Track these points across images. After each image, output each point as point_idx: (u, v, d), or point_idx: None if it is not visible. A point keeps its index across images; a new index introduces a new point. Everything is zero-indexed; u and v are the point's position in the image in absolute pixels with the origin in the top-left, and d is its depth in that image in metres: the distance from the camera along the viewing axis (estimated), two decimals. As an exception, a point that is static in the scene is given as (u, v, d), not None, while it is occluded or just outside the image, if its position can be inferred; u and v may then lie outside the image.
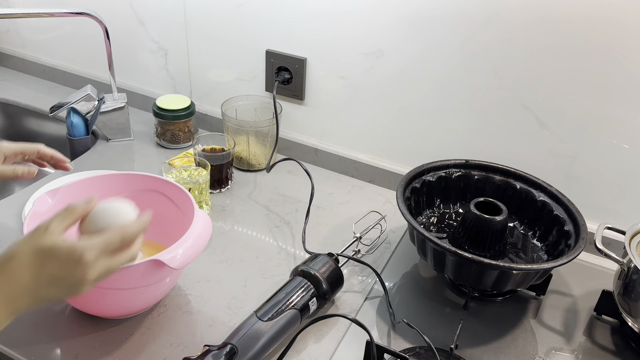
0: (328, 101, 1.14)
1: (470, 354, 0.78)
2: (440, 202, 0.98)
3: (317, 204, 1.07)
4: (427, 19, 0.96)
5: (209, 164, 0.99)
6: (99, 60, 1.36)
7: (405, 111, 1.07)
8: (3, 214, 0.97)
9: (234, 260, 0.92)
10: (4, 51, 1.54)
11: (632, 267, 0.76)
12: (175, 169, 1.01)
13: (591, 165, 0.95)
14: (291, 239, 0.98)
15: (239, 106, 1.17)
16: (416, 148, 1.09)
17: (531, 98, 0.94)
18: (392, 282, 0.91)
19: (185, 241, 0.72)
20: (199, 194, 0.97)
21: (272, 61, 1.14)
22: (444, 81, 1.00)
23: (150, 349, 0.75)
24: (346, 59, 1.07)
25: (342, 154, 1.17)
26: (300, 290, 0.78)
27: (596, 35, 0.85)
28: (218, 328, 0.79)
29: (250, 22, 1.13)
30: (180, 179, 0.98)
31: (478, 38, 0.94)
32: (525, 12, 0.88)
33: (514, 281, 0.79)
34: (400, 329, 0.81)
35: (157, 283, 0.74)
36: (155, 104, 1.19)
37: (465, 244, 0.86)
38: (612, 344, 0.82)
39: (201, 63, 1.25)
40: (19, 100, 1.39)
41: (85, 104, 1.16)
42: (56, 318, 0.78)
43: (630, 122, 0.89)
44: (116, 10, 1.27)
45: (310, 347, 0.78)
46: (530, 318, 0.85)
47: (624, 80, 0.87)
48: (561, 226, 0.87)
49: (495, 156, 1.00)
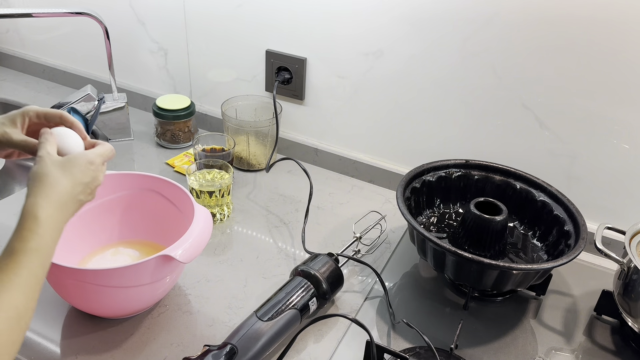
0: (328, 101, 1.14)
1: (470, 354, 0.78)
2: (440, 202, 0.98)
3: (317, 204, 1.07)
4: (427, 19, 0.96)
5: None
6: (99, 60, 1.36)
7: (406, 111, 1.07)
8: (3, 214, 0.97)
9: (234, 260, 0.92)
10: (4, 51, 1.54)
11: (632, 267, 0.76)
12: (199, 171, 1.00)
13: (591, 165, 0.95)
14: (291, 239, 0.98)
15: (239, 106, 1.17)
16: (416, 148, 1.09)
17: (531, 98, 0.94)
18: (392, 282, 0.91)
19: (190, 235, 0.73)
20: (219, 197, 0.97)
21: (272, 61, 1.15)
22: (444, 81, 1.00)
23: (150, 349, 0.75)
24: (346, 59, 1.07)
25: (342, 154, 1.17)
26: (300, 290, 0.78)
27: (596, 35, 0.85)
28: (218, 328, 0.79)
29: (250, 22, 1.13)
30: (201, 182, 0.98)
31: (478, 38, 0.94)
32: (525, 12, 0.88)
33: (514, 281, 0.79)
34: (400, 329, 0.81)
35: (159, 281, 0.75)
36: (155, 104, 1.19)
37: (465, 244, 0.86)
38: (612, 344, 0.82)
39: (201, 63, 1.25)
40: (19, 100, 1.39)
41: (85, 104, 1.16)
42: (56, 318, 0.78)
43: (630, 122, 0.89)
44: (116, 10, 1.27)
45: (310, 347, 0.78)
46: (530, 318, 0.85)
47: (624, 80, 0.87)
48: (561, 226, 0.87)
49: (495, 156, 1.00)
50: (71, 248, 0.83)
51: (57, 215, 0.58)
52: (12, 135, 0.65)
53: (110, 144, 0.68)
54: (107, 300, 0.73)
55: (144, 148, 1.22)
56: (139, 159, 1.19)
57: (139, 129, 1.28)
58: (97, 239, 0.87)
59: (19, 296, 0.51)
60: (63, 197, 0.59)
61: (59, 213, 0.58)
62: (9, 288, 0.50)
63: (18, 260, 0.52)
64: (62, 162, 0.61)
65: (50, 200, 0.57)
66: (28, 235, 0.54)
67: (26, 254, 0.53)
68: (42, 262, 0.55)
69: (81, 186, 0.61)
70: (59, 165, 0.60)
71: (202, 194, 0.96)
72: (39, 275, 0.54)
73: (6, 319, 0.49)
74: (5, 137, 0.65)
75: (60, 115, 0.69)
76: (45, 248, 0.55)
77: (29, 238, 0.54)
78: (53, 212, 0.57)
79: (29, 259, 0.53)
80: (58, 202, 0.58)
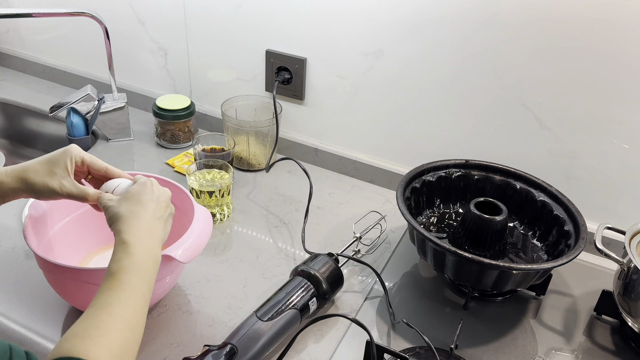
0: (328, 101, 1.14)
1: (470, 354, 0.78)
2: (440, 202, 0.98)
3: (317, 204, 1.07)
4: (427, 19, 0.96)
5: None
6: (99, 60, 1.36)
7: (405, 111, 1.07)
8: (3, 214, 0.97)
9: (234, 260, 0.92)
10: (4, 51, 1.54)
11: (632, 267, 0.76)
12: (199, 171, 1.00)
13: (591, 165, 0.95)
14: (291, 239, 0.98)
15: (239, 106, 1.17)
16: (416, 148, 1.09)
17: (531, 98, 0.94)
18: (392, 282, 0.91)
19: (190, 235, 0.73)
20: (219, 197, 0.97)
21: (272, 61, 1.15)
22: (444, 81, 1.00)
23: (150, 349, 0.75)
24: (346, 59, 1.07)
25: (342, 154, 1.17)
26: (300, 290, 0.78)
27: (596, 36, 0.85)
28: (218, 328, 0.79)
29: (250, 22, 1.13)
30: (201, 182, 0.98)
31: (478, 38, 0.94)
32: (526, 12, 0.88)
33: (514, 281, 0.79)
34: (400, 329, 0.81)
35: (159, 281, 0.74)
36: (155, 104, 1.19)
37: (465, 244, 0.86)
38: (612, 344, 0.82)
39: (201, 63, 1.25)
40: (19, 100, 1.39)
41: (85, 104, 1.16)
42: (56, 318, 0.78)
43: (630, 122, 0.89)
44: (116, 10, 1.27)
45: (310, 347, 0.78)
46: (530, 318, 0.85)
47: (624, 81, 0.87)
48: (561, 226, 0.87)
49: (495, 156, 1.00)
50: (71, 248, 0.84)
51: (145, 236, 0.62)
52: (70, 188, 0.67)
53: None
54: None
55: (144, 148, 1.22)
56: (139, 159, 1.19)
57: (139, 129, 1.28)
58: (97, 239, 0.87)
59: (129, 310, 0.56)
60: (143, 220, 0.63)
61: (146, 234, 0.62)
62: (118, 304, 0.55)
63: (118, 279, 0.57)
64: (123, 199, 0.66)
65: (132, 226, 0.62)
66: (121, 257, 0.59)
67: (123, 271, 0.58)
68: (141, 276, 0.59)
69: (153, 203, 0.65)
70: (121, 202, 0.65)
71: (202, 194, 0.96)
72: (143, 290, 0.59)
73: (122, 331, 0.54)
74: (64, 190, 0.67)
75: (106, 168, 0.72)
76: (141, 264, 0.60)
77: (122, 258, 0.59)
78: (140, 234, 0.62)
79: (128, 276, 0.58)
80: (141, 226, 0.63)
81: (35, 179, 0.66)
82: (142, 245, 0.61)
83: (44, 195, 0.67)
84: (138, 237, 0.61)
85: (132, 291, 0.57)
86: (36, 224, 0.76)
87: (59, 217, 0.82)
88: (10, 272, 0.85)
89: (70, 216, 0.84)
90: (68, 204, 0.79)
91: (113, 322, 0.53)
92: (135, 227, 0.62)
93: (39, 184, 0.66)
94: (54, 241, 0.80)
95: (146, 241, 0.62)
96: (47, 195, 0.67)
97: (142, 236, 0.62)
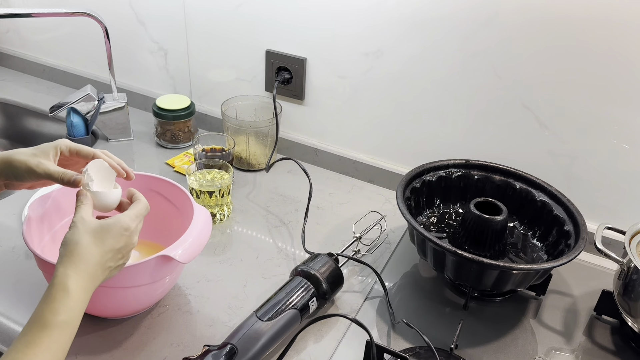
0: (328, 101, 1.14)
1: (470, 354, 0.78)
2: (440, 202, 0.98)
3: (317, 204, 1.07)
4: (427, 19, 0.96)
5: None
6: (99, 60, 1.36)
7: (405, 111, 1.07)
8: (3, 214, 0.97)
9: (234, 260, 0.92)
10: (4, 51, 1.54)
11: (632, 267, 0.76)
12: (199, 171, 1.00)
13: (591, 165, 0.95)
14: (291, 239, 0.98)
15: (239, 106, 1.17)
16: (416, 148, 1.09)
17: (531, 98, 0.94)
18: (392, 282, 0.91)
19: (190, 235, 0.73)
20: (219, 197, 0.97)
21: (272, 61, 1.15)
22: (444, 81, 1.00)
23: (150, 349, 0.75)
24: (346, 59, 1.07)
25: (342, 154, 1.17)
26: (300, 290, 0.78)
27: (596, 36, 0.85)
28: (218, 328, 0.79)
29: (250, 22, 1.13)
30: (201, 182, 0.98)
31: (478, 38, 0.94)
32: (525, 12, 0.88)
33: (514, 281, 0.79)
34: (400, 329, 0.81)
35: (159, 281, 0.75)
36: (155, 104, 1.19)
37: (465, 244, 0.86)
38: (612, 344, 0.82)
39: (201, 63, 1.25)
40: (19, 100, 1.39)
41: (85, 104, 1.16)
42: (56, 318, 0.78)
43: (630, 122, 0.89)
44: (116, 10, 1.28)
45: (310, 347, 0.78)
46: (530, 318, 0.85)
47: (624, 80, 0.86)
48: (561, 226, 0.87)
49: (495, 156, 1.00)
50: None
51: (86, 285, 0.59)
52: (48, 166, 0.65)
53: (145, 199, 0.68)
54: (106, 300, 0.73)
55: (143, 148, 1.22)
56: (138, 159, 1.19)
57: (139, 129, 1.28)
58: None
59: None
60: (92, 267, 0.59)
61: (88, 283, 0.59)
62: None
63: (50, 335, 0.54)
64: (95, 230, 0.61)
65: (79, 271, 0.58)
66: (60, 308, 0.55)
67: (58, 328, 0.55)
68: (71, 334, 0.56)
69: (111, 253, 0.61)
70: (92, 233, 0.60)
71: (202, 194, 0.96)
72: (67, 347, 0.56)
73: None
74: (41, 167, 0.65)
75: (94, 153, 0.70)
76: (75, 320, 0.57)
77: (61, 311, 0.55)
78: (83, 283, 0.58)
79: (61, 333, 0.55)
80: (87, 272, 0.59)
81: (15, 157, 0.66)
82: (82, 298, 0.58)
83: (20, 175, 0.65)
84: (82, 287, 0.58)
85: (59, 350, 0.54)
86: (36, 224, 0.76)
87: (59, 217, 0.82)
88: (10, 272, 0.85)
89: (70, 216, 0.84)
90: (68, 204, 0.79)
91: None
92: (83, 273, 0.58)
93: (18, 162, 0.65)
94: (54, 241, 0.80)
95: (86, 293, 0.58)
96: (23, 176, 0.65)
97: (85, 285, 0.58)
